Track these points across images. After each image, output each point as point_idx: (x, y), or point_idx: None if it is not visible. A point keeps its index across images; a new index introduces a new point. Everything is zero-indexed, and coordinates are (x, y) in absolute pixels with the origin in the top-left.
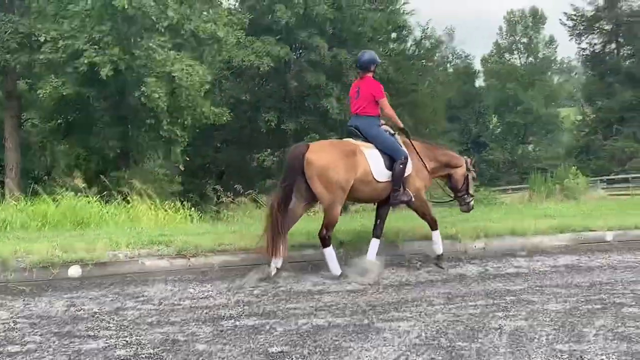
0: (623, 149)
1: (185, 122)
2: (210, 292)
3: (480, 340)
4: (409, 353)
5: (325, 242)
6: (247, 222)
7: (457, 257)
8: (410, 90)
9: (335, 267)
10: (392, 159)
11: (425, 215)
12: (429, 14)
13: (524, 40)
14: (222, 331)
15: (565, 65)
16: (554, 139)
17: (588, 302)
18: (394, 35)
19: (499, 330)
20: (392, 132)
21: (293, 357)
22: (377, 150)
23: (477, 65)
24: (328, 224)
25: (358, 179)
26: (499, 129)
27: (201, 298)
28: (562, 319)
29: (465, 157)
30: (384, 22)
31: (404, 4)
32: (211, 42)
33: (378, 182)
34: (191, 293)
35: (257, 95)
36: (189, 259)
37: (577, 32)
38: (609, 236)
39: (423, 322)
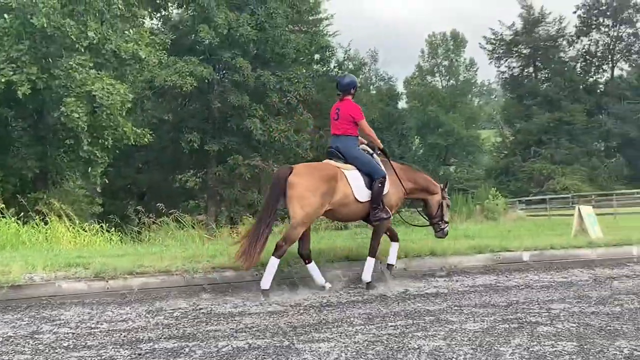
0: (541, 170)
1: (106, 143)
2: (129, 315)
3: None
4: None
5: (277, 251)
6: (169, 243)
7: (378, 278)
8: None
9: (268, 280)
10: (371, 178)
11: (377, 238)
12: (351, 35)
13: (445, 63)
14: (140, 354)
15: (485, 88)
16: (474, 161)
17: (505, 322)
18: (317, 56)
19: (417, 350)
20: (370, 151)
21: None
22: (357, 171)
23: (400, 87)
24: (288, 239)
25: (337, 202)
26: (421, 151)
27: (119, 321)
28: (480, 338)
29: (440, 185)
30: (307, 44)
31: (327, 25)
32: (133, 62)
33: (359, 202)
34: (109, 316)
35: (179, 116)
36: (107, 281)
37: (497, 55)
38: (526, 256)
39: (343, 342)
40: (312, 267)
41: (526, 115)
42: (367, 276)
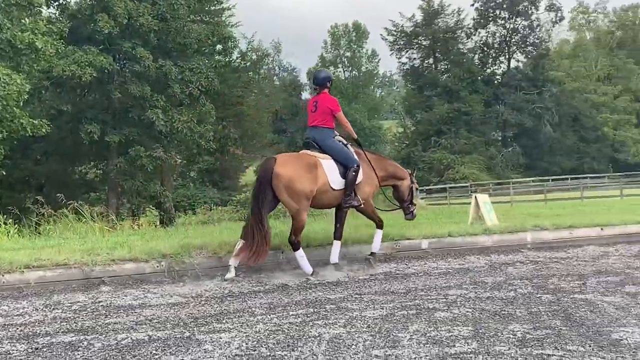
0: (441, 160)
1: (1, 135)
2: (26, 309)
3: (300, 348)
4: None
5: (295, 246)
6: (67, 236)
7: (280, 268)
8: (236, 102)
9: (306, 267)
10: (346, 168)
11: (373, 217)
12: (255, 26)
13: (348, 54)
14: (37, 349)
15: (387, 79)
16: (377, 151)
17: (404, 308)
18: (219, 47)
19: (318, 338)
20: (344, 142)
21: None
22: (332, 161)
23: (303, 78)
24: (296, 230)
25: (318, 189)
26: None
27: (16, 315)
28: (379, 325)
29: (408, 170)
30: (209, 34)
31: (230, 16)
32: (29, 52)
33: (334, 190)
34: (5, 310)
35: (79, 106)
36: (2, 275)
37: (397, 47)
38: (425, 244)
39: (244, 332)
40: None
41: (427, 105)
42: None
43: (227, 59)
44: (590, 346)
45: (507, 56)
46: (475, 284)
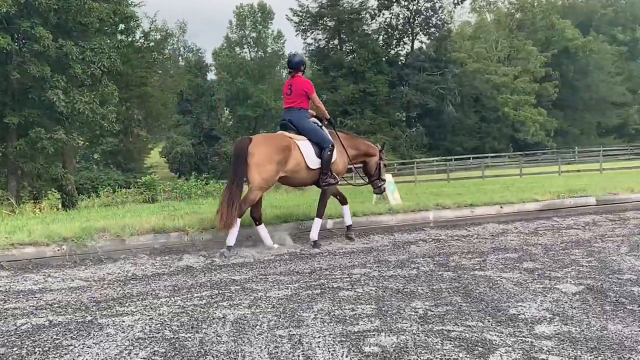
0: None
1: None
2: None
3: (204, 330)
4: (131, 347)
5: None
6: None
7: (185, 250)
8: (140, 83)
9: (232, 239)
10: (321, 148)
11: (323, 201)
12: (157, 5)
13: (254, 34)
14: None
15: None
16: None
17: (308, 288)
18: (122, 26)
19: (222, 320)
20: (319, 123)
21: (10, 358)
22: (308, 142)
23: (209, 59)
24: (247, 201)
25: (290, 169)
26: (230, 122)
27: None
28: (284, 305)
29: (378, 146)
30: (111, 13)
31: None
32: None
33: (311, 169)
34: None
35: None
36: None
37: (303, 28)
38: (330, 224)
39: (148, 315)
40: (262, 228)
41: (332, 86)
42: (314, 235)
43: (129, 39)
44: (489, 321)
45: (410, 38)
46: (379, 263)
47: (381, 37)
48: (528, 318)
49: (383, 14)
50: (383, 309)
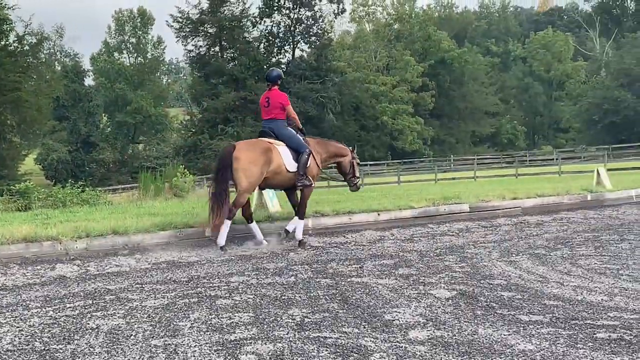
0: None
1: None
2: None
3: (76, 341)
4: None
5: (229, 214)
6: None
7: (58, 259)
8: (13, 88)
9: (222, 237)
10: (298, 153)
11: (305, 201)
12: (34, 8)
13: (133, 40)
14: None
15: (173, 66)
16: (163, 139)
17: (185, 297)
18: None
19: (96, 330)
20: (294, 131)
21: None
22: (286, 147)
23: (87, 64)
24: (237, 204)
25: (272, 170)
26: (109, 129)
27: None
28: (159, 314)
29: (350, 147)
30: None
31: None
32: None
33: (289, 172)
34: None
35: None
36: None
37: (184, 34)
38: (208, 232)
39: (17, 327)
40: (254, 226)
41: (213, 93)
42: (299, 235)
43: (2, 43)
44: (364, 327)
45: (291, 46)
46: (257, 270)
47: (262, 44)
48: (402, 323)
49: (264, 21)
50: (260, 317)
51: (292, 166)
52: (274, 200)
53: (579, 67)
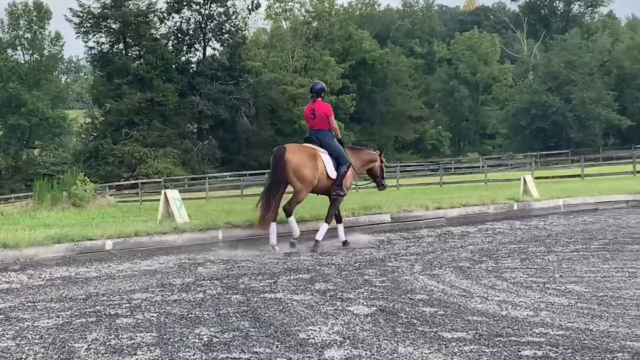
0: (132, 153)
1: None
2: None
3: None
4: None
5: (287, 213)
6: None
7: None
8: None
9: (295, 230)
10: (338, 162)
11: (333, 209)
12: None
13: (28, 35)
14: None
15: (73, 65)
16: (61, 143)
17: (82, 316)
18: None
19: None
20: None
21: None
22: (328, 155)
23: None
24: (294, 201)
25: (318, 176)
26: (0, 132)
27: None
28: (53, 335)
29: (377, 151)
30: None
31: None
32: None
33: (330, 178)
34: None
35: None
36: None
37: (84, 29)
38: (109, 245)
39: None
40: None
41: (117, 94)
42: (319, 236)
43: None
44: (277, 347)
45: (202, 44)
46: (162, 287)
47: (171, 42)
48: (318, 342)
49: (173, 17)
50: (165, 336)
51: (333, 173)
52: (182, 210)
53: (506, 69)
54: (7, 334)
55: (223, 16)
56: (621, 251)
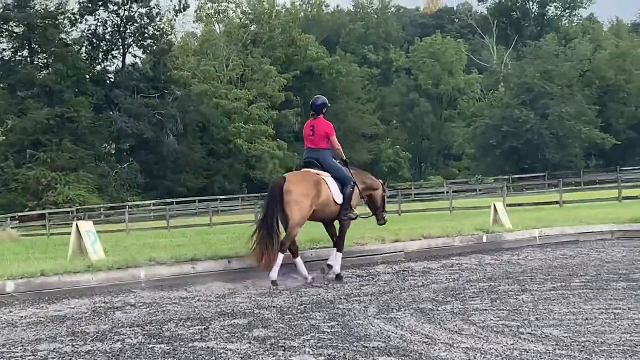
0: (39, 178)
1: None
2: None
3: None
4: None
5: (282, 248)
6: None
7: None
8: None
9: (275, 273)
10: (343, 184)
11: (344, 234)
12: None
13: None
14: None
15: None
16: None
17: None
18: None
19: None
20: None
21: None
22: (332, 179)
23: None
24: (289, 237)
25: (321, 203)
26: None
27: None
28: None
29: (380, 180)
30: None
31: None
32: None
33: (337, 204)
34: None
35: None
36: None
37: None
38: (10, 287)
39: None
40: (299, 262)
41: (20, 110)
42: (337, 268)
43: None
44: None
45: (122, 51)
46: (73, 336)
47: (84, 48)
48: None
49: (86, 20)
50: None
51: (339, 198)
52: (97, 245)
53: (473, 80)
54: None
55: (145, 18)
56: (605, 290)
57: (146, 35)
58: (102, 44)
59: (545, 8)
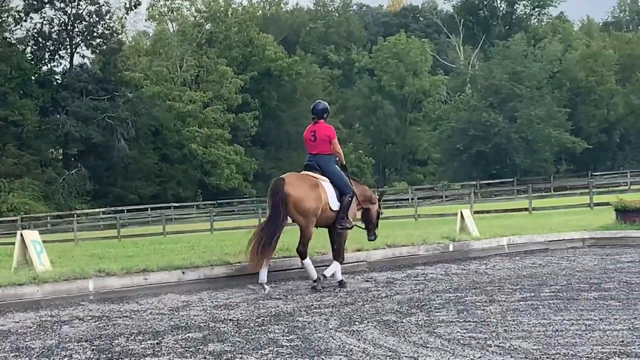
0: None
1: None
2: None
3: None
4: None
5: (302, 255)
6: None
7: None
8: None
9: (312, 273)
10: (342, 193)
11: (340, 244)
12: None
13: None
14: None
15: None
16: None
17: None
18: None
19: None
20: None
21: None
22: (330, 184)
23: None
24: (305, 241)
25: (320, 207)
26: None
27: None
28: None
29: (377, 195)
30: None
31: None
32: None
33: (332, 210)
34: None
35: None
36: None
37: None
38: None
39: None
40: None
41: None
42: (338, 276)
43: None
44: None
45: (69, 50)
46: (17, 351)
47: (29, 48)
48: None
49: (31, 17)
50: None
51: (335, 205)
52: (43, 256)
53: (439, 82)
54: None
55: (94, 16)
56: (576, 300)
57: (95, 34)
58: (48, 43)
59: (514, 6)
